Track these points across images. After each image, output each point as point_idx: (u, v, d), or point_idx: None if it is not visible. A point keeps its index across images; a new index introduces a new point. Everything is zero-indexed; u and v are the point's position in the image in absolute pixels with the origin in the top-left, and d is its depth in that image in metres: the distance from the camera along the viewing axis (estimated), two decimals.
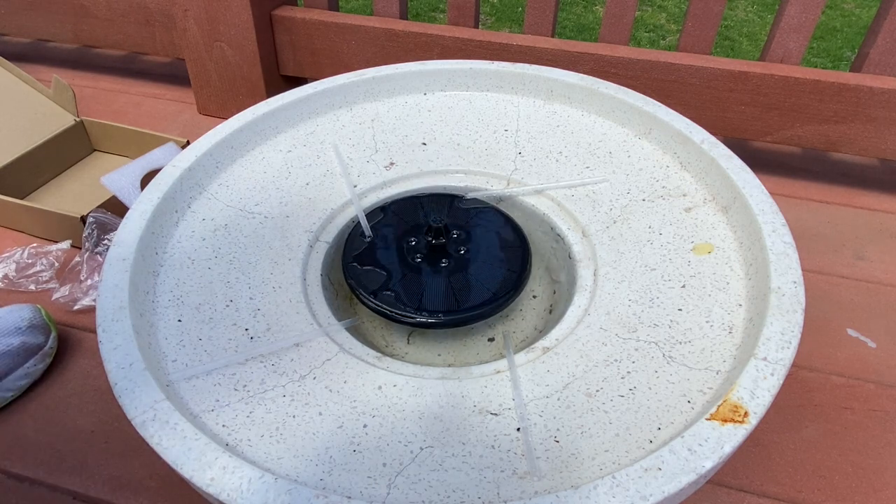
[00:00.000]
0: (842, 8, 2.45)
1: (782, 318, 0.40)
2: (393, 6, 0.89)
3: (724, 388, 0.38)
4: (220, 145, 0.58)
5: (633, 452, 0.37)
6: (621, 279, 0.48)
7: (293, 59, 0.95)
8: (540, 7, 0.85)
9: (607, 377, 0.42)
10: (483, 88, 0.68)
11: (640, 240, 0.51)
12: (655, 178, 0.57)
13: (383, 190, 0.59)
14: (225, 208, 0.55)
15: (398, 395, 0.41)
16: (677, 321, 0.45)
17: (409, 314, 0.48)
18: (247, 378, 0.42)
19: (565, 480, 0.36)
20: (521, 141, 0.62)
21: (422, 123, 0.65)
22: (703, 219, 0.52)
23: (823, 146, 0.81)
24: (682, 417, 0.39)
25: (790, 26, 0.77)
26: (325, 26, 0.90)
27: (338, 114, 0.66)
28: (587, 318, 0.46)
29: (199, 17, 0.89)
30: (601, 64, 0.82)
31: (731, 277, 0.47)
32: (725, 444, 0.34)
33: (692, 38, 0.81)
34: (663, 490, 0.32)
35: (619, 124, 0.62)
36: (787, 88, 0.78)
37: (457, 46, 0.86)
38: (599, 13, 2.42)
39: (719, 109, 0.81)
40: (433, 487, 0.35)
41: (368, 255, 0.53)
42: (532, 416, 0.39)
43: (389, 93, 0.67)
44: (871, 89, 0.75)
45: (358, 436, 0.39)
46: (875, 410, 0.56)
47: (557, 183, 0.58)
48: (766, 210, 0.48)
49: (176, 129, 0.97)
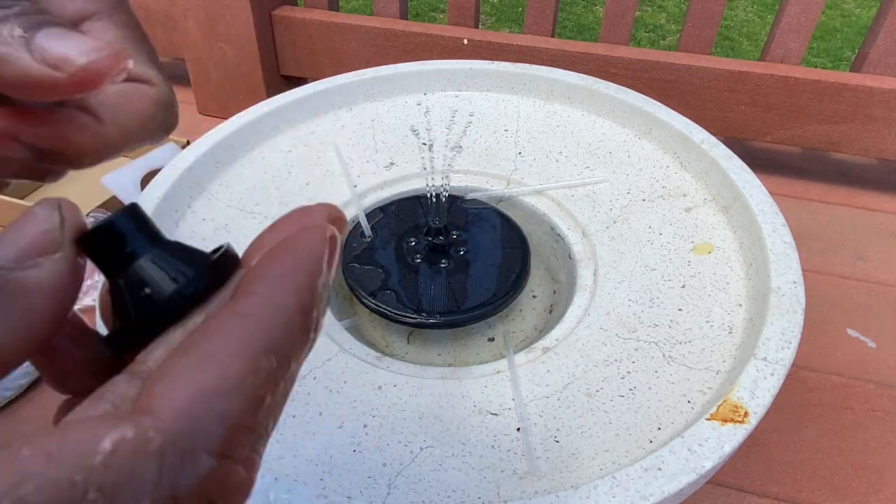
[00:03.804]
0: (842, 8, 2.45)
1: (782, 318, 0.40)
2: (393, 6, 0.89)
3: (724, 388, 0.38)
4: (220, 145, 0.58)
5: (633, 452, 0.37)
6: (621, 279, 0.48)
7: (293, 59, 0.95)
8: (540, 7, 0.85)
9: (607, 377, 0.42)
10: (483, 88, 0.68)
11: (640, 240, 0.51)
12: (655, 178, 0.57)
13: (383, 190, 0.59)
14: (225, 208, 0.55)
15: (398, 395, 0.41)
16: (677, 321, 0.45)
17: (408, 314, 0.48)
18: None
19: (565, 480, 0.36)
20: (521, 141, 0.62)
21: (422, 123, 0.65)
22: (703, 219, 0.52)
23: (823, 146, 0.81)
24: (682, 417, 0.39)
25: (790, 26, 0.77)
26: (325, 26, 0.90)
27: (338, 114, 0.66)
28: (587, 318, 0.46)
29: (199, 17, 0.89)
30: (601, 64, 0.82)
31: (731, 277, 0.47)
32: (725, 444, 0.34)
33: (692, 38, 0.81)
34: (663, 490, 0.32)
35: (619, 124, 0.62)
36: (787, 88, 0.78)
37: (457, 46, 0.86)
38: (599, 13, 2.42)
39: (719, 109, 0.81)
40: (433, 487, 0.35)
41: (368, 255, 0.53)
42: (532, 416, 0.39)
43: (389, 93, 0.67)
44: (871, 89, 0.75)
45: (358, 436, 0.39)
46: (875, 410, 0.56)
47: (557, 183, 0.58)
48: (766, 210, 0.48)
49: (176, 129, 0.96)
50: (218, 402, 0.11)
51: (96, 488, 0.10)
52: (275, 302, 0.13)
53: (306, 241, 0.14)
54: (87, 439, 0.10)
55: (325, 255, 0.14)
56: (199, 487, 0.11)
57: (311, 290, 0.14)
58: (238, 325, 0.12)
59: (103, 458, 0.10)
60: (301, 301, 0.13)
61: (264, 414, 0.12)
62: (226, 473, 0.11)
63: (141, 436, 0.11)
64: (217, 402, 0.11)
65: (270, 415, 0.12)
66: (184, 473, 0.11)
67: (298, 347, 0.13)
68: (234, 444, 0.11)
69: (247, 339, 0.12)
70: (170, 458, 0.11)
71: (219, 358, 0.12)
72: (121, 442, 0.10)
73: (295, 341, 0.13)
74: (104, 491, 0.10)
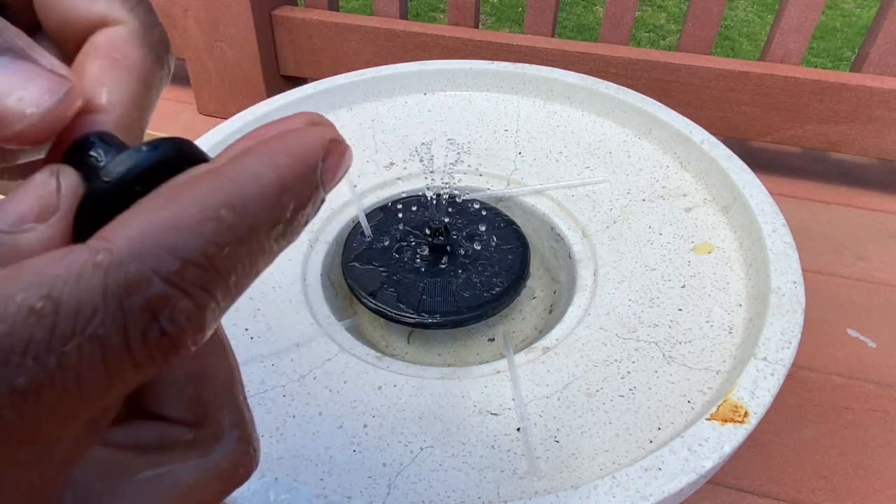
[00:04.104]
0: (842, 8, 2.45)
1: (782, 318, 0.40)
2: (393, 6, 0.89)
3: (724, 388, 0.38)
4: (220, 145, 0.58)
5: (633, 452, 0.37)
6: (621, 279, 0.48)
7: (293, 59, 0.95)
8: (540, 7, 0.85)
9: (607, 377, 0.42)
10: (483, 88, 0.68)
11: (640, 240, 0.51)
12: (655, 178, 0.57)
13: (383, 190, 0.59)
14: None
15: (398, 395, 0.41)
16: (677, 321, 0.45)
17: (408, 314, 0.48)
18: (247, 378, 0.42)
19: (565, 480, 0.36)
20: (521, 141, 0.62)
21: (422, 123, 0.65)
22: (703, 219, 0.52)
23: (824, 146, 0.81)
24: (682, 417, 0.39)
25: (790, 26, 0.77)
26: (325, 26, 0.90)
27: (338, 114, 0.66)
28: (587, 318, 0.46)
29: (199, 17, 0.89)
30: (601, 64, 0.82)
31: (731, 277, 0.47)
32: (725, 444, 0.34)
33: (692, 38, 0.81)
34: (663, 490, 0.32)
35: (619, 124, 0.62)
36: (787, 88, 0.78)
37: (457, 46, 0.86)
38: (599, 13, 2.42)
39: (719, 109, 0.81)
40: (433, 487, 0.35)
41: (368, 255, 0.53)
42: (532, 416, 0.39)
43: (389, 93, 0.67)
44: (871, 89, 0.75)
45: (358, 436, 0.39)
46: (875, 410, 0.56)
47: (557, 183, 0.58)
48: (766, 210, 0.48)
49: (176, 129, 0.97)
50: (171, 235, 0.12)
51: (45, 297, 0.10)
52: (251, 170, 0.13)
53: (301, 131, 0.14)
54: (42, 263, 0.11)
55: (321, 150, 0.14)
56: (144, 306, 0.11)
57: (294, 172, 0.13)
58: (207, 179, 0.13)
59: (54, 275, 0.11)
60: (281, 176, 0.13)
61: (222, 261, 0.12)
62: (173, 301, 0.12)
63: (91, 255, 0.11)
64: (169, 235, 0.12)
65: (231, 267, 0.12)
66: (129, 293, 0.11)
67: (268, 222, 0.13)
68: (183, 276, 0.12)
69: (212, 191, 0.12)
70: (115, 276, 0.11)
71: (179, 201, 0.12)
72: (71, 262, 0.11)
73: (267, 213, 0.13)
74: (52, 299, 0.11)
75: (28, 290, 0.11)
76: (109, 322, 0.11)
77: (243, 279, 0.13)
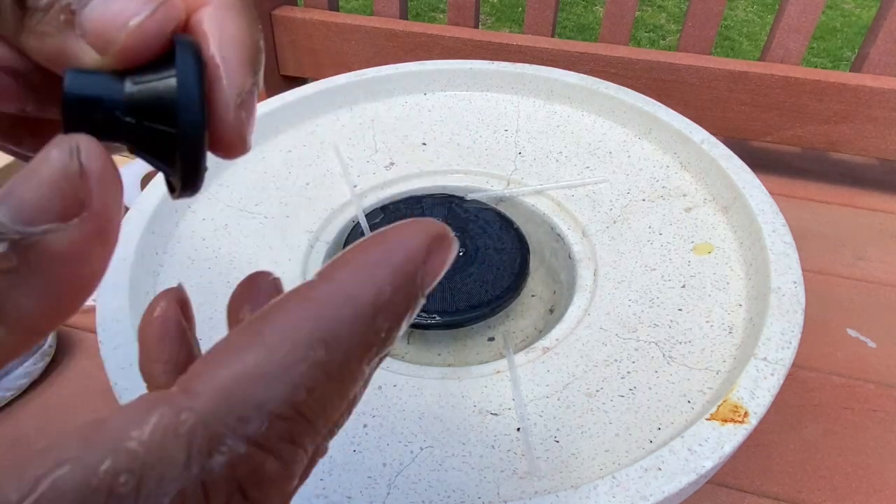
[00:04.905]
0: (842, 8, 2.45)
1: (782, 318, 0.40)
2: (393, 6, 0.89)
3: (724, 388, 0.38)
4: None
5: (633, 452, 0.37)
6: (621, 279, 0.48)
7: (293, 59, 0.95)
8: (540, 7, 0.85)
9: (607, 377, 0.42)
10: (483, 88, 0.68)
11: (640, 240, 0.51)
12: (655, 178, 0.57)
13: (383, 190, 0.59)
14: (225, 208, 0.55)
15: (398, 395, 0.41)
16: (677, 321, 0.45)
17: None
18: None
19: (565, 480, 0.36)
20: (521, 141, 0.62)
21: (422, 123, 0.65)
22: (703, 219, 0.52)
23: (824, 146, 0.81)
24: (682, 417, 0.39)
25: (790, 26, 0.77)
26: (325, 26, 0.90)
27: (338, 114, 0.66)
28: (587, 318, 0.46)
29: None
30: (601, 64, 0.82)
31: (731, 277, 0.47)
32: (725, 444, 0.34)
33: (692, 38, 0.81)
34: (663, 490, 0.32)
35: (619, 124, 0.62)
36: (787, 88, 0.77)
37: (457, 46, 0.86)
38: (599, 13, 2.42)
39: (719, 109, 0.81)
40: (433, 487, 0.35)
41: None
42: (532, 416, 0.39)
43: (389, 93, 0.67)
44: (871, 89, 0.75)
45: (358, 436, 0.39)
46: (875, 410, 0.56)
47: (557, 183, 0.58)
48: (766, 210, 0.48)
49: None
50: (257, 387, 0.11)
51: (127, 471, 0.10)
52: (346, 291, 0.12)
53: (402, 232, 0.13)
54: (126, 422, 0.10)
55: (423, 252, 0.12)
56: (228, 474, 0.10)
57: (393, 285, 0.12)
58: (297, 308, 0.11)
59: (138, 441, 0.10)
60: (378, 294, 0.12)
61: (311, 408, 0.11)
62: (259, 463, 0.11)
63: (175, 416, 0.10)
64: (256, 387, 0.11)
65: (321, 411, 0.11)
66: (213, 458, 0.10)
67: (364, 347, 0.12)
68: (269, 434, 0.11)
69: (302, 322, 0.11)
70: (199, 441, 0.10)
71: (267, 340, 0.11)
72: (157, 423, 0.10)
73: (362, 339, 0.12)
74: (135, 474, 0.10)
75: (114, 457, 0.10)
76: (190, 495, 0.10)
77: (333, 415, 0.12)
